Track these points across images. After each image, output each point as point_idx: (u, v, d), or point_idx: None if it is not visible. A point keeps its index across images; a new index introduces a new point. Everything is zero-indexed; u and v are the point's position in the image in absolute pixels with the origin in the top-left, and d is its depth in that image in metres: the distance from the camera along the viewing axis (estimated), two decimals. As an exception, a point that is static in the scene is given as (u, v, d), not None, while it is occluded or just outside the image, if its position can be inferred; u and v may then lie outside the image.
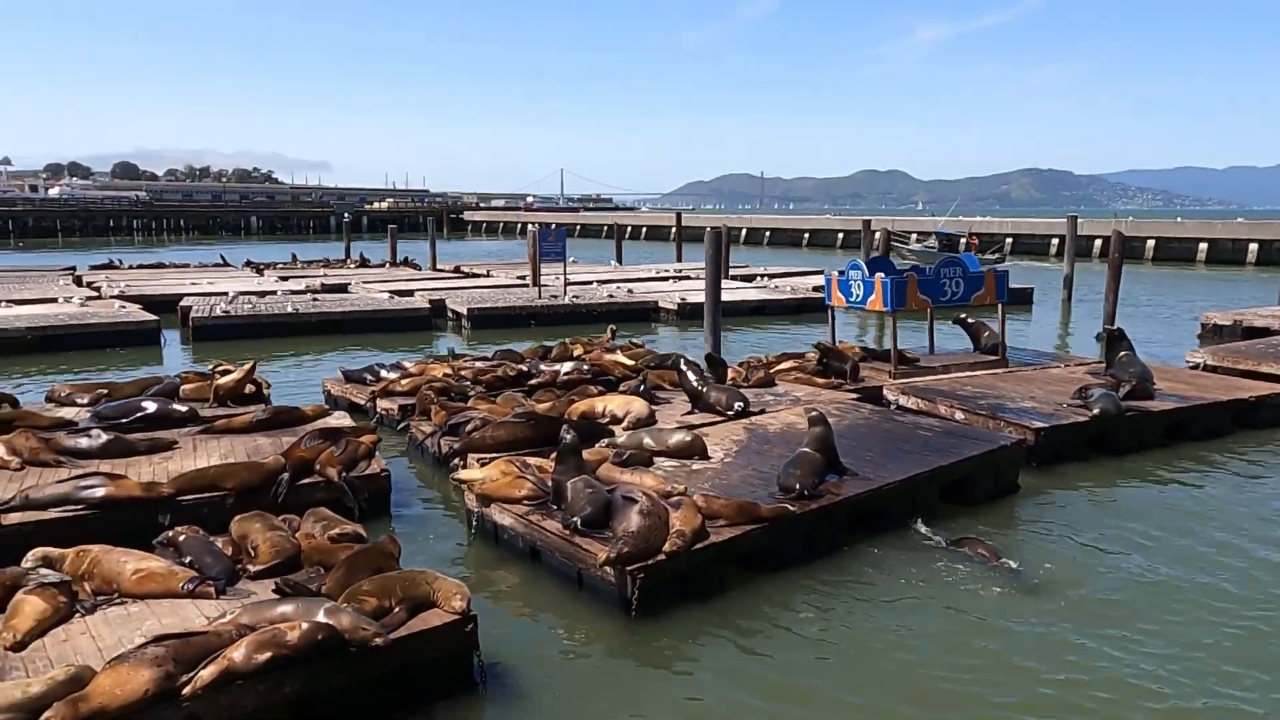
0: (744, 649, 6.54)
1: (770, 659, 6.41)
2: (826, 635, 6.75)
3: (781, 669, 6.29)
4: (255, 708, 5.06)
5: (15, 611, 5.62)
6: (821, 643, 6.63)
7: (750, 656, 6.45)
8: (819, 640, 6.67)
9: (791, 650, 6.54)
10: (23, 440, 9.26)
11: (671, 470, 9.03)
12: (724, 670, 6.28)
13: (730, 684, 6.11)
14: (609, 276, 32.55)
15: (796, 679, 6.17)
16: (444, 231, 78.43)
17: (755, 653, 6.49)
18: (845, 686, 6.08)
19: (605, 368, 13.48)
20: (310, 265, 38.03)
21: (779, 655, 6.47)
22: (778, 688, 6.07)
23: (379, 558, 6.34)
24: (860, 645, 6.61)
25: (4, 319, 20.36)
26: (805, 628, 6.85)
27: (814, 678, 6.20)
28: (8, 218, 79.88)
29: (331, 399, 13.57)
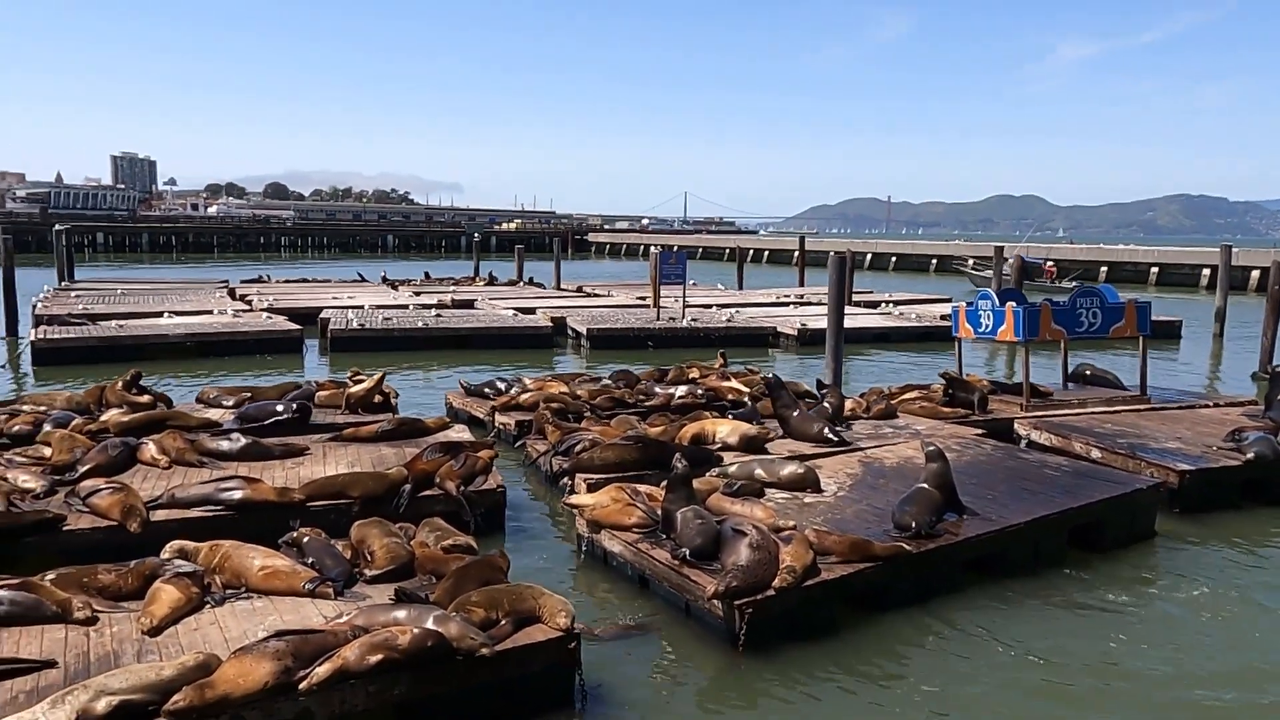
0: (851, 690, 6.35)
1: (877, 703, 6.19)
2: (936, 681, 6.47)
3: (887, 714, 6.07)
4: (365, 707, 5.24)
5: (153, 599, 6.02)
6: (931, 689, 6.37)
7: (857, 699, 6.25)
8: (929, 687, 6.41)
9: (899, 695, 6.31)
10: (171, 441, 9.93)
11: (783, 502, 8.89)
12: (829, 711, 6.11)
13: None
14: (729, 300, 32.46)
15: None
16: (568, 252, 79.96)
17: (862, 695, 6.29)
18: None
19: (719, 393, 13.43)
20: (441, 282, 39.44)
21: (886, 699, 6.25)
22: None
23: (488, 570, 6.48)
24: (970, 695, 6.31)
25: (168, 327, 21.95)
26: (915, 672, 6.60)
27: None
28: (172, 234, 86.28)
29: (453, 411, 14.00)
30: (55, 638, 5.70)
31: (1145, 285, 51.36)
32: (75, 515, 8.02)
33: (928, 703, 6.20)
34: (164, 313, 24.56)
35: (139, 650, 5.57)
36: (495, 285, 38.41)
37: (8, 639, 5.64)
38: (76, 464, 9.24)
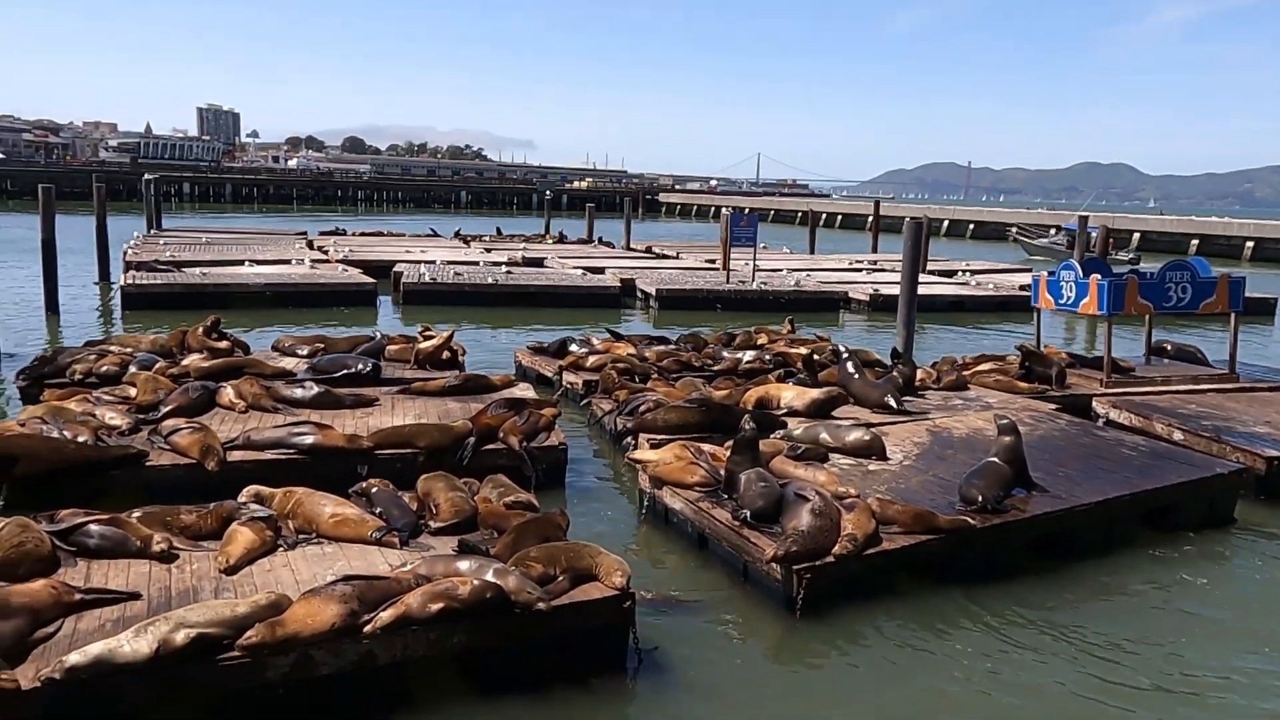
0: (907, 661, 6.29)
1: (932, 675, 6.13)
2: (992, 660, 6.36)
3: (943, 686, 6.00)
4: (425, 654, 5.39)
5: (230, 540, 6.26)
6: (986, 668, 6.26)
7: (913, 669, 6.20)
8: (984, 665, 6.30)
9: (954, 669, 6.23)
10: (248, 387, 10.25)
11: (847, 469, 8.80)
12: (884, 679, 6.08)
13: (888, 694, 5.91)
14: (800, 264, 32.04)
15: (956, 697, 5.88)
16: (639, 212, 79.74)
17: (918, 666, 6.24)
18: (1003, 712, 5.73)
19: (787, 358, 13.29)
20: (512, 239, 39.75)
21: (941, 672, 6.18)
22: (936, 703, 5.81)
23: (548, 527, 6.57)
24: (1025, 678, 6.18)
25: (248, 276, 22.61)
26: (972, 648, 6.50)
27: (974, 699, 5.88)
28: (254, 185, 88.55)
29: (521, 369, 14.16)
30: (140, 571, 5.98)
31: (1239, 260, 49.13)
32: (157, 452, 8.38)
33: (982, 680, 6.10)
34: (245, 261, 25.26)
35: (216, 587, 5.81)
36: (565, 243, 38.55)
37: (97, 570, 5.94)
38: (159, 404, 9.63)
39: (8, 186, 67.10)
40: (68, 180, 67.23)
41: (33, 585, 5.29)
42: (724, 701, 5.77)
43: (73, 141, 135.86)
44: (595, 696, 5.69)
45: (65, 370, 11.09)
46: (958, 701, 5.82)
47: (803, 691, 5.93)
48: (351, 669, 5.19)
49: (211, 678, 4.92)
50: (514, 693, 5.58)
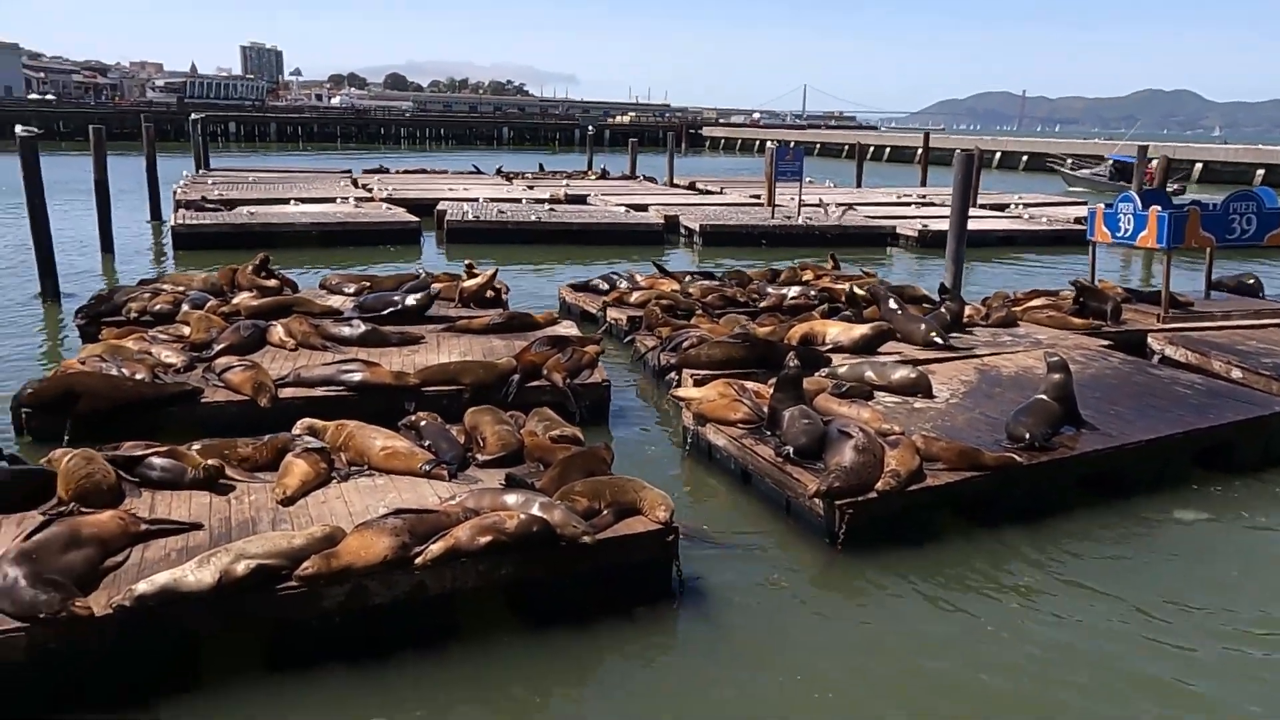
0: (949, 598, 6.30)
1: (973, 613, 6.14)
2: (1036, 596, 6.35)
3: (984, 625, 6.01)
4: (474, 585, 5.54)
5: (286, 472, 6.44)
6: (1029, 603, 6.26)
7: (954, 607, 6.21)
8: (1026, 600, 6.30)
9: (997, 604, 6.24)
10: (298, 325, 10.43)
11: (892, 406, 8.74)
12: (924, 614, 6.11)
13: (928, 629, 5.94)
14: (846, 199, 31.47)
15: (996, 633, 5.89)
16: (682, 147, 78.53)
17: (960, 604, 6.25)
18: (1047, 649, 5.72)
19: (833, 294, 13.15)
20: (555, 176, 39.51)
21: (983, 610, 6.18)
22: (977, 641, 5.82)
23: (593, 461, 6.66)
24: (1075, 612, 6.17)
25: (294, 215, 22.80)
26: (1015, 585, 6.50)
27: (1013, 635, 5.88)
28: (298, 124, 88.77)
29: (565, 306, 14.20)
30: (201, 502, 6.19)
31: (1308, 191, 47.16)
32: (212, 389, 8.61)
33: (1025, 619, 6.09)
34: (290, 200, 25.48)
35: (273, 519, 5.99)
36: (607, 179, 38.25)
37: (160, 501, 6.16)
38: (212, 342, 9.85)
39: (59, 128, 68.04)
40: (117, 121, 67.97)
41: (101, 516, 5.51)
42: (765, 634, 5.85)
43: (120, 82, 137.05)
44: (639, 628, 5.81)
45: (121, 309, 11.37)
46: (999, 640, 5.83)
47: (843, 626, 5.98)
48: (403, 599, 5.36)
49: (270, 607, 5.11)
50: (560, 624, 5.72)
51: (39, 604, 4.62)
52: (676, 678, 5.41)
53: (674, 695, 5.24)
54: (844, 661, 5.56)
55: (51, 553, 4.95)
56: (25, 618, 4.63)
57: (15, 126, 16.52)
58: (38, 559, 4.85)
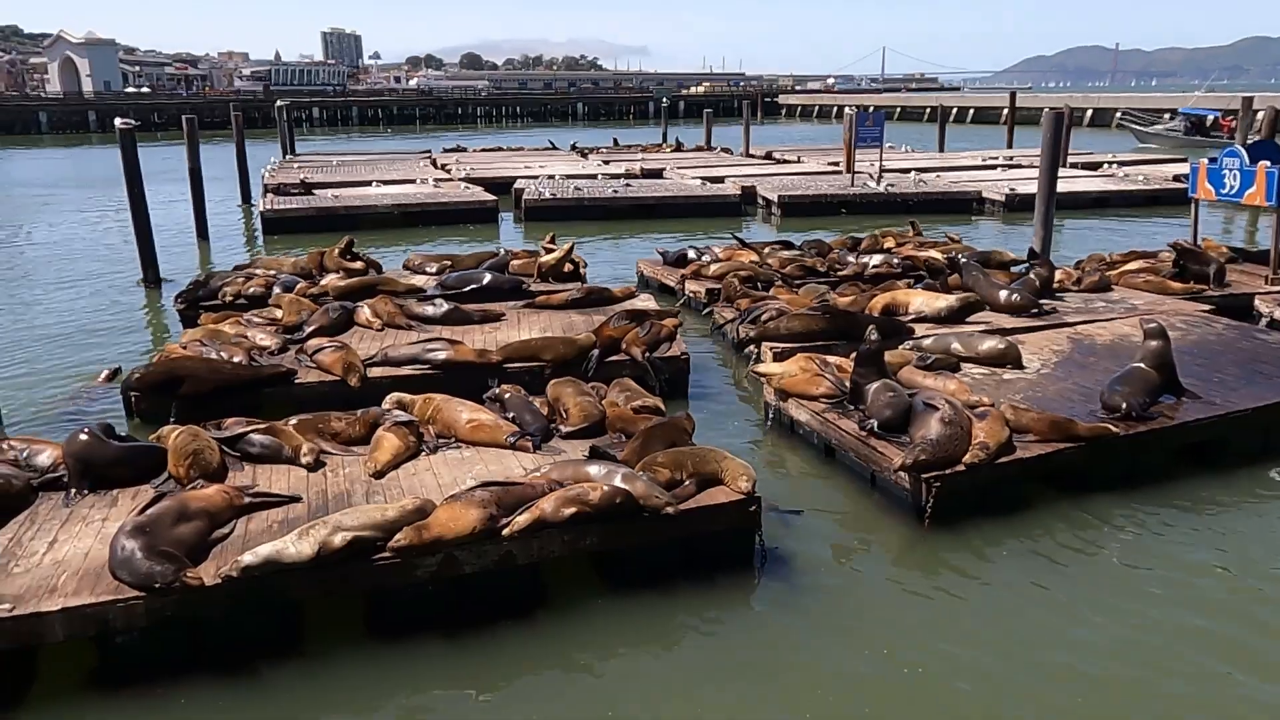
0: (1040, 575, 6.13)
1: (1066, 591, 5.96)
2: (1133, 571, 6.16)
3: (1077, 604, 5.82)
4: (560, 554, 5.66)
5: (377, 446, 6.66)
6: (1126, 580, 6.07)
7: (1046, 584, 6.03)
8: (1123, 575, 6.12)
9: (1091, 580, 6.07)
10: (383, 305, 10.70)
11: (980, 378, 8.54)
12: (1014, 593, 5.96)
13: (1020, 607, 5.80)
14: (928, 163, 30.66)
15: (1092, 612, 5.71)
16: (758, 116, 77.47)
17: (1051, 580, 6.07)
18: (1145, 629, 5.53)
19: (916, 263, 12.86)
20: (629, 149, 39.47)
21: (1076, 584, 6.02)
22: (1071, 618, 5.66)
23: (674, 432, 6.69)
24: (1173, 589, 5.95)
25: (376, 197, 23.32)
26: (1110, 559, 6.31)
27: (1110, 614, 5.68)
28: (378, 106, 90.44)
29: (643, 280, 14.23)
30: (299, 476, 6.45)
31: None
32: (304, 370, 8.91)
33: (1121, 595, 5.91)
34: (372, 182, 26.04)
35: (367, 491, 6.20)
36: (682, 152, 38.03)
37: (261, 475, 6.44)
38: (303, 324, 10.18)
39: (155, 119, 70.73)
40: (207, 110, 70.32)
41: (207, 490, 5.78)
42: (848, 607, 5.82)
43: (210, 73, 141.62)
44: (721, 597, 5.84)
45: (218, 293, 11.84)
46: (1094, 620, 5.64)
47: (928, 601, 5.90)
48: (492, 569, 5.50)
49: (367, 577, 5.30)
50: (643, 592, 5.79)
51: (154, 574, 4.89)
52: (757, 647, 5.43)
53: (754, 664, 5.26)
54: (929, 639, 5.47)
55: (164, 526, 5.22)
56: (142, 587, 4.91)
57: (115, 120, 17.25)
58: (152, 532, 5.13)
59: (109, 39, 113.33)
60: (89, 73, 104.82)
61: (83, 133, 71.20)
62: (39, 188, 33.39)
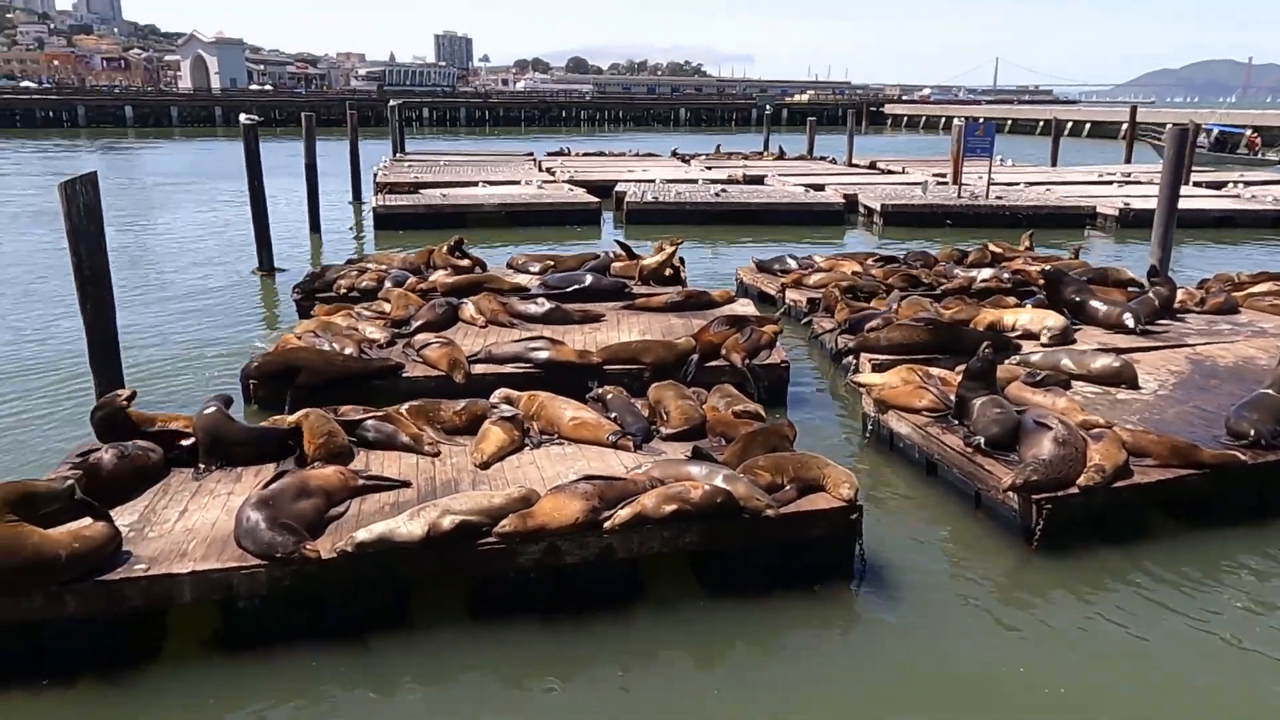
0: (1154, 609, 5.89)
1: (1185, 623, 5.72)
2: (1259, 609, 5.85)
3: (1197, 637, 5.59)
4: (659, 550, 5.72)
5: (484, 438, 6.85)
6: (1250, 617, 5.78)
7: (1160, 619, 5.79)
8: (1247, 613, 5.82)
9: (1213, 616, 5.79)
10: (487, 303, 10.97)
11: (1092, 397, 8.26)
12: (1126, 626, 5.72)
13: (1132, 640, 5.58)
14: (1040, 177, 29.71)
15: (1211, 650, 5.46)
16: (862, 125, 76.30)
17: (1167, 616, 5.82)
18: (1270, 672, 5.25)
19: (1028, 278, 12.49)
20: (731, 156, 39.40)
21: (1197, 620, 5.76)
22: (1187, 654, 5.43)
23: (775, 438, 6.68)
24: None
25: (483, 197, 23.89)
26: (1234, 596, 6.02)
27: (1230, 653, 5.42)
28: (485, 108, 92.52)
29: (743, 286, 14.20)
30: (409, 462, 6.69)
31: None
32: (411, 365, 9.19)
33: (1244, 632, 5.63)
34: (479, 182, 26.67)
35: (473, 480, 6.39)
36: (784, 159, 37.78)
37: (374, 460, 6.70)
38: (411, 319, 10.50)
39: (275, 115, 73.91)
40: (324, 108, 73.04)
41: (326, 470, 6.06)
42: (948, 625, 5.71)
43: (328, 72, 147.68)
44: (819, 604, 5.81)
45: (332, 285, 12.31)
46: (1214, 659, 5.38)
47: (1033, 627, 5.72)
48: (593, 560, 5.61)
49: (472, 560, 5.47)
50: (740, 593, 5.81)
51: (276, 544, 5.15)
52: (853, 658, 5.39)
53: (850, 675, 5.22)
54: (1033, 668, 5.30)
55: (286, 500, 5.50)
56: (264, 556, 5.18)
57: (240, 115, 18.13)
58: (274, 505, 5.41)
59: (237, 39, 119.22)
60: (217, 70, 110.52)
61: (209, 127, 74.94)
62: (168, 178, 35.32)
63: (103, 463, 6.09)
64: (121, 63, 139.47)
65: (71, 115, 74.95)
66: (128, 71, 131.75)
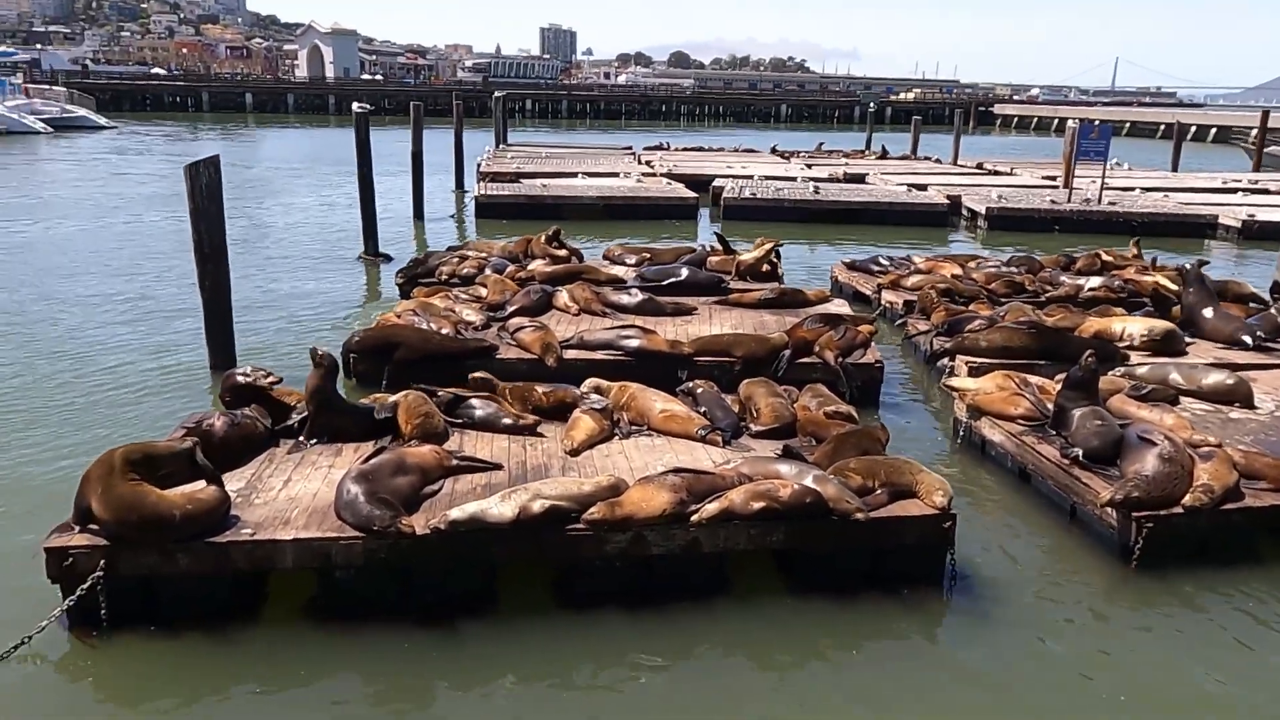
0: (1261, 640, 5.61)
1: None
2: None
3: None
4: (745, 547, 5.73)
5: (574, 426, 6.97)
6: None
7: (1266, 650, 5.52)
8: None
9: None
10: (580, 291, 11.12)
11: (1202, 414, 7.89)
12: (1232, 652, 5.49)
13: (1236, 671, 5.33)
14: (1158, 183, 28.40)
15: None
16: (970, 125, 74.08)
17: (1274, 645, 5.54)
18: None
19: (1140, 288, 11.97)
20: (832, 154, 38.85)
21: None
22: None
23: (867, 440, 6.60)
24: None
25: (582, 189, 24.17)
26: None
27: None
28: (586, 101, 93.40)
29: (838, 285, 14.02)
30: (501, 445, 6.86)
31: None
32: (505, 347, 9.40)
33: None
34: (578, 174, 26.97)
35: (562, 466, 6.51)
36: (888, 159, 37.06)
37: (467, 442, 6.89)
38: (506, 304, 10.73)
39: (385, 105, 76.12)
40: (431, 98, 74.78)
41: (422, 449, 6.27)
42: (1039, 640, 5.56)
43: (436, 63, 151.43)
44: (907, 612, 5.73)
45: (434, 271, 12.66)
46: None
47: (1128, 649, 5.53)
48: (679, 553, 5.65)
49: (560, 545, 5.58)
50: (826, 595, 5.77)
51: (374, 518, 5.36)
52: (941, 667, 5.29)
53: (936, 685, 5.13)
54: (1128, 693, 5.11)
55: (384, 475, 5.71)
56: (362, 528, 5.39)
57: (352, 104, 18.76)
58: (373, 479, 5.62)
59: (351, 30, 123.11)
60: (332, 60, 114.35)
61: (322, 114, 77.62)
62: (282, 163, 36.80)
63: (215, 429, 6.43)
64: (244, 51, 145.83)
65: (196, 101, 78.71)
66: (249, 60, 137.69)
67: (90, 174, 31.60)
